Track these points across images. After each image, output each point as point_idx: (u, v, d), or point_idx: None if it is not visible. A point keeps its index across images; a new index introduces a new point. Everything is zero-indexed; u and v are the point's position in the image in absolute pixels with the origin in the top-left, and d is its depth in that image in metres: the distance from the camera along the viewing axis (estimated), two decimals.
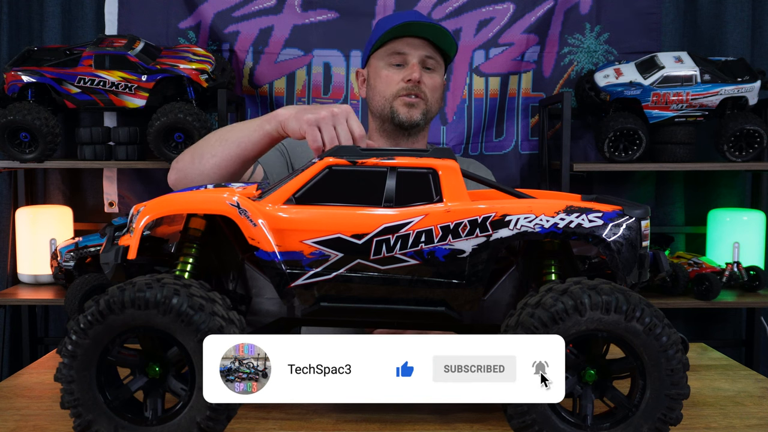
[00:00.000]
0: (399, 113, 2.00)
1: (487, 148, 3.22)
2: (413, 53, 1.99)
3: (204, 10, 3.14)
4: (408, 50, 1.99)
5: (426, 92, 2.00)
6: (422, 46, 2.00)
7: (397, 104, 2.00)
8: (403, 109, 2.00)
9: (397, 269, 1.14)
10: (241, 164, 1.68)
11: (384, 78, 2.02)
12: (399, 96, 2.00)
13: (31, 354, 3.15)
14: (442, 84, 2.08)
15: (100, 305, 1.05)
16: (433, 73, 2.03)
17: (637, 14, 3.20)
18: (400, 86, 1.99)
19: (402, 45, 1.99)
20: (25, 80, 2.80)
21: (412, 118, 2.00)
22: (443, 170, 1.16)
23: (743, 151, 2.92)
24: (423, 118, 2.01)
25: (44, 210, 3.15)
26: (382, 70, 2.03)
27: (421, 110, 2.01)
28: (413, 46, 1.99)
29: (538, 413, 1.05)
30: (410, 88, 1.98)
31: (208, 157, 1.71)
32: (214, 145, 1.70)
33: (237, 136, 1.67)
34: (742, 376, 1.56)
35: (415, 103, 1.99)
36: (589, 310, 1.04)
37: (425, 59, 2.00)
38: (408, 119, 2.00)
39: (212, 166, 1.70)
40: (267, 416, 1.28)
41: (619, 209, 1.14)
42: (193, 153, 1.75)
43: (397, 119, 2.00)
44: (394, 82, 2.00)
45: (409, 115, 2.00)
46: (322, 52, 3.15)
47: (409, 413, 1.29)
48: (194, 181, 1.72)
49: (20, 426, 1.24)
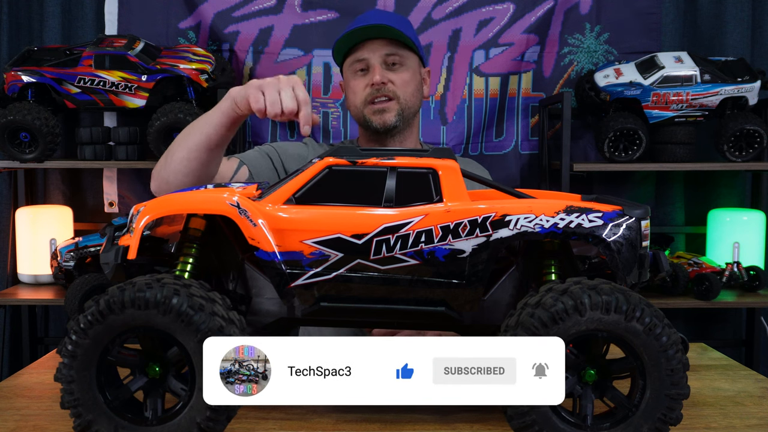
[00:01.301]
0: (372, 121, 2.00)
1: (487, 148, 3.22)
2: (371, 56, 1.99)
3: (204, 10, 3.14)
4: (366, 54, 1.99)
5: (396, 91, 1.99)
6: (381, 46, 1.99)
7: (367, 112, 2.00)
8: (375, 116, 2.00)
9: (397, 269, 1.14)
10: (207, 152, 1.69)
11: (352, 87, 2.04)
12: (368, 103, 2.00)
13: (31, 354, 3.15)
14: (414, 76, 2.04)
15: (100, 305, 1.05)
16: (400, 68, 2.01)
17: (637, 14, 3.20)
18: (367, 92, 1.99)
19: (361, 51, 2.00)
20: (25, 80, 2.80)
21: (386, 122, 2.00)
22: (443, 170, 1.15)
23: (743, 151, 2.92)
24: (399, 118, 2.01)
25: (44, 210, 3.15)
26: (350, 79, 2.04)
27: (395, 111, 2.00)
28: (370, 49, 1.99)
29: (538, 414, 1.05)
30: (375, 92, 1.98)
31: (176, 152, 1.73)
32: (180, 141, 1.74)
33: (198, 124, 1.71)
34: (742, 376, 1.56)
35: (385, 108, 1.99)
36: (589, 310, 1.04)
37: (387, 58, 1.99)
38: (382, 125, 2.00)
39: (180, 159, 1.72)
40: (267, 416, 1.28)
41: (619, 209, 1.14)
42: (165, 155, 1.77)
43: (372, 127, 2.01)
44: (360, 90, 2.01)
45: (381, 120, 2.00)
46: (322, 52, 3.15)
47: (409, 413, 1.29)
48: (170, 181, 1.74)
49: (20, 426, 1.24)
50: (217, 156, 1.75)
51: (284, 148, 2.07)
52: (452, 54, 3.18)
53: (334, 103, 3.17)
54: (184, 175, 1.72)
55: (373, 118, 2.00)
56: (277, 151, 2.03)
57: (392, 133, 2.03)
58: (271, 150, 2.03)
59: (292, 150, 2.07)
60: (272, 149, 2.04)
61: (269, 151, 2.03)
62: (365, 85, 1.99)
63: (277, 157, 2.02)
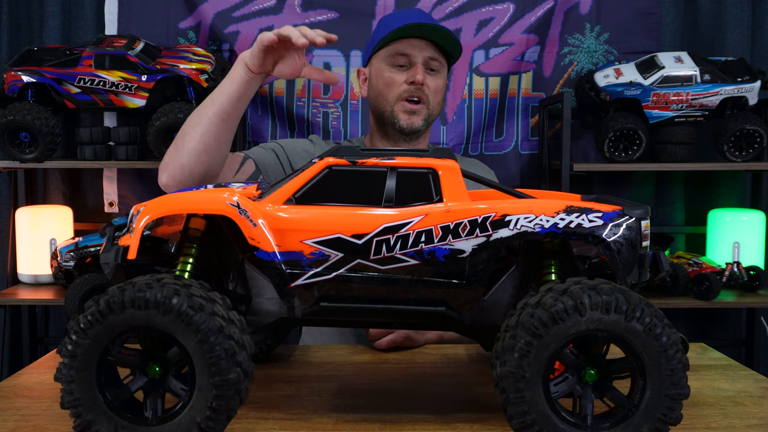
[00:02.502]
0: (400, 119, 1.98)
1: (487, 148, 3.22)
2: (417, 54, 1.97)
3: (204, 10, 3.14)
4: (412, 51, 1.97)
5: (428, 95, 1.99)
6: (426, 48, 1.98)
7: (398, 109, 1.98)
8: (404, 116, 1.98)
9: (397, 269, 1.14)
10: (222, 123, 1.69)
11: (387, 79, 2.00)
12: (401, 100, 1.98)
13: (31, 354, 3.15)
14: (444, 86, 2.06)
15: (100, 305, 1.05)
16: (436, 74, 2.01)
17: (637, 14, 3.20)
18: (403, 88, 1.98)
19: (406, 46, 1.97)
20: (25, 80, 2.80)
21: (413, 125, 1.99)
22: (443, 170, 1.16)
23: (743, 151, 2.92)
24: (424, 123, 2.01)
25: (44, 210, 3.15)
26: (385, 70, 2.00)
27: (423, 116, 1.99)
28: (417, 47, 1.97)
29: (538, 413, 1.05)
30: (413, 91, 1.97)
31: (188, 132, 1.71)
32: (192, 120, 1.73)
33: (211, 98, 1.71)
34: (742, 376, 1.56)
35: (416, 110, 1.98)
36: (589, 310, 1.04)
37: (429, 61, 1.99)
38: (409, 126, 1.99)
39: (195, 137, 1.70)
40: (267, 416, 1.28)
41: (619, 209, 1.14)
42: (176, 142, 1.75)
43: (398, 125, 1.99)
44: (396, 84, 1.98)
45: (410, 122, 1.99)
46: (322, 52, 3.15)
47: (409, 413, 1.29)
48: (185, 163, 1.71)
49: (20, 426, 1.24)
50: (232, 129, 1.74)
51: (290, 144, 2.06)
52: None
53: (334, 103, 3.18)
54: (200, 153, 1.70)
55: (401, 117, 1.99)
56: (283, 148, 2.02)
57: (413, 136, 2.02)
58: (277, 146, 2.02)
59: (299, 147, 2.06)
60: (278, 145, 2.03)
61: (274, 147, 2.02)
62: (403, 81, 1.98)
63: (283, 153, 2.01)
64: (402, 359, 1.66)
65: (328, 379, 1.50)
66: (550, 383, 1.07)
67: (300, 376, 1.52)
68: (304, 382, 1.47)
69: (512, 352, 1.05)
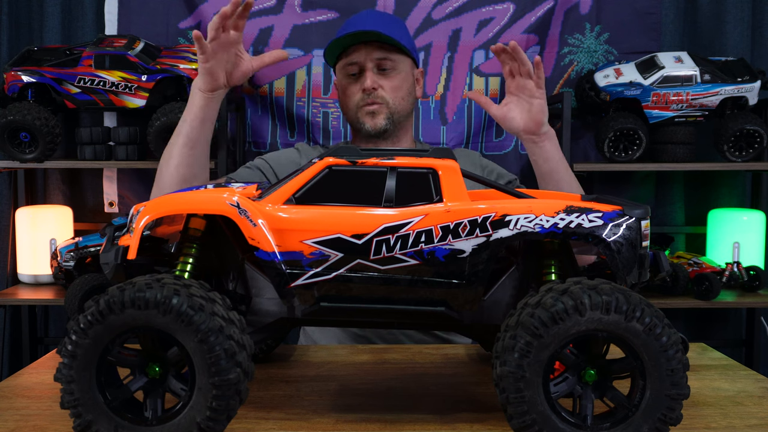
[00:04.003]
0: (365, 123, 2.04)
1: (487, 148, 3.22)
2: (365, 60, 2.01)
3: (204, 10, 3.14)
4: (359, 58, 2.01)
5: (385, 96, 2.02)
6: (374, 50, 2.01)
7: (361, 114, 2.04)
8: (367, 118, 2.04)
9: (397, 269, 1.14)
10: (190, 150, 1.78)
11: (345, 90, 2.06)
12: (360, 107, 2.02)
13: (31, 354, 3.15)
14: (405, 80, 2.07)
15: (100, 305, 1.05)
16: (392, 72, 2.03)
17: (637, 14, 3.20)
18: (358, 97, 2.03)
19: (354, 54, 2.02)
20: (25, 80, 2.81)
21: (377, 125, 2.03)
22: (443, 170, 1.16)
23: (743, 151, 2.92)
24: (389, 121, 2.03)
25: (44, 210, 3.15)
26: (343, 81, 2.07)
27: (384, 115, 2.03)
28: (364, 52, 2.01)
29: (538, 413, 1.05)
30: (366, 97, 2.01)
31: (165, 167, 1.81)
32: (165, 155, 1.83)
33: (177, 130, 1.80)
34: (742, 376, 1.56)
35: (375, 110, 2.02)
36: (589, 310, 1.04)
37: (379, 62, 2.01)
38: (373, 127, 2.03)
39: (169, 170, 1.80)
40: (267, 416, 1.27)
41: (619, 209, 1.14)
42: (156, 181, 1.85)
43: (364, 130, 2.04)
44: (353, 94, 2.04)
45: (373, 123, 2.03)
46: (322, 52, 3.14)
47: (409, 413, 1.29)
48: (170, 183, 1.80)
49: (20, 426, 1.24)
50: (204, 153, 1.82)
51: (276, 159, 2.09)
52: (452, 54, 3.18)
53: (334, 103, 3.17)
54: (179, 184, 1.79)
55: (365, 120, 2.03)
56: (268, 163, 2.06)
57: (384, 135, 2.06)
58: (262, 163, 2.06)
59: (285, 159, 2.09)
60: (264, 162, 2.06)
61: (261, 165, 2.05)
62: (358, 90, 2.02)
63: (269, 169, 2.04)
64: (402, 359, 1.66)
65: (328, 379, 1.50)
66: (550, 383, 1.07)
67: (300, 376, 1.52)
68: (304, 382, 1.47)
69: (512, 352, 1.05)
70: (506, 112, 1.85)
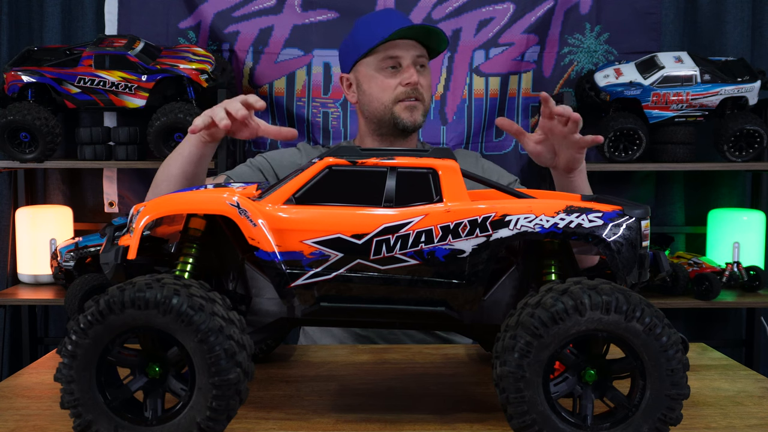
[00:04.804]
0: (402, 118, 1.99)
1: (487, 148, 3.22)
2: (406, 55, 1.99)
3: (204, 10, 3.14)
4: (400, 53, 1.99)
5: (423, 93, 2.01)
6: (413, 47, 2.00)
7: (398, 109, 1.99)
8: (406, 113, 1.99)
9: (397, 269, 1.14)
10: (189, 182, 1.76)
11: (380, 84, 2.00)
12: (399, 101, 1.99)
13: (31, 354, 3.15)
14: (432, 80, 2.10)
15: (100, 305, 1.05)
16: (424, 70, 2.03)
17: (637, 14, 3.20)
18: (399, 90, 1.98)
19: (394, 49, 1.99)
20: (25, 80, 2.81)
21: (416, 121, 2.01)
22: (443, 170, 1.16)
23: (743, 151, 2.92)
24: (423, 118, 2.03)
25: (44, 210, 3.15)
26: (378, 76, 2.01)
27: (422, 111, 2.02)
28: (405, 47, 1.99)
29: (538, 413, 1.05)
30: (410, 92, 1.98)
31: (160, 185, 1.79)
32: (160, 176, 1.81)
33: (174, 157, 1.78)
34: (742, 376, 1.56)
35: (416, 106, 2.00)
36: (589, 310, 1.04)
37: (417, 59, 2.01)
38: (412, 123, 2.00)
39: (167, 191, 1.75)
40: (267, 416, 1.27)
41: (619, 209, 1.14)
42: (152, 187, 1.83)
43: (401, 124, 1.99)
44: (391, 88, 1.99)
45: (412, 118, 2.00)
46: (322, 52, 3.15)
47: (409, 413, 1.29)
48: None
49: (20, 426, 1.24)
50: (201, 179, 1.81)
51: (277, 158, 2.07)
52: (452, 54, 3.18)
53: (334, 103, 3.17)
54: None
55: (403, 115, 1.99)
56: (269, 163, 2.04)
57: (410, 132, 2.04)
58: (263, 162, 2.04)
59: (286, 159, 2.08)
60: (264, 161, 2.05)
61: (260, 163, 2.04)
62: (397, 83, 1.99)
63: (269, 168, 2.03)
64: (402, 359, 1.66)
65: (328, 379, 1.50)
66: (550, 383, 1.07)
67: (300, 376, 1.52)
68: (304, 382, 1.47)
69: (512, 352, 1.05)
70: (540, 152, 1.75)
